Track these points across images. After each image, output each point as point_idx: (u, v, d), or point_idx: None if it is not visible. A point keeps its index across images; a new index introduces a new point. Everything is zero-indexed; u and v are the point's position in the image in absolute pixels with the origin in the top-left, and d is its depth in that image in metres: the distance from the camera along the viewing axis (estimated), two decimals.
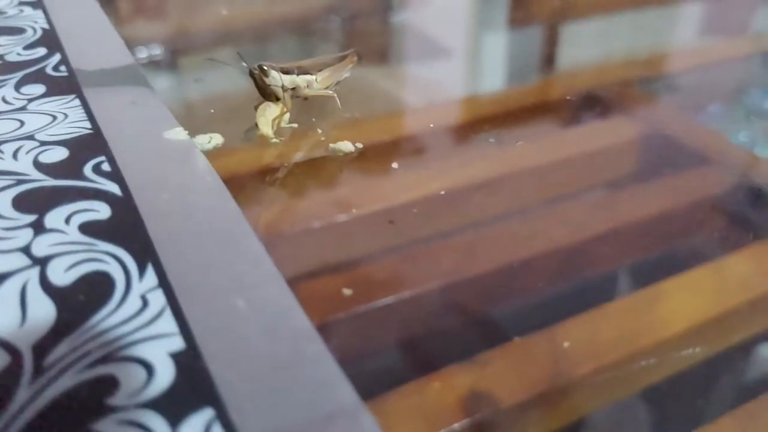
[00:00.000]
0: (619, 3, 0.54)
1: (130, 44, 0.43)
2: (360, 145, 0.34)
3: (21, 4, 0.51)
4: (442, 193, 0.30)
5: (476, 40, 0.49)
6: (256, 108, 0.34)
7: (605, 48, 0.47)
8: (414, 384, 0.21)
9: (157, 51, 0.48)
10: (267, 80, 0.34)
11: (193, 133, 0.33)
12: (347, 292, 0.25)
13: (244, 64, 0.34)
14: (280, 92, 0.34)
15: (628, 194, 0.31)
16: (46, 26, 0.47)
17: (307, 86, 0.36)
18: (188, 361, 0.21)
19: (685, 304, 0.24)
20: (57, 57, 0.41)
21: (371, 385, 0.21)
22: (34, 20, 0.48)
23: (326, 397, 0.20)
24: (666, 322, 0.23)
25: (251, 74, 0.34)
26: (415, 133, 0.38)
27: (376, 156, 0.34)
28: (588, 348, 0.22)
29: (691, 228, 0.29)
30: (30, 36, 0.45)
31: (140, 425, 0.19)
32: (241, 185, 0.32)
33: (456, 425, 0.19)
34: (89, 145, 0.32)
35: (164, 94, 0.39)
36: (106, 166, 0.30)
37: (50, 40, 0.44)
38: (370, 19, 0.52)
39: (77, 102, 0.36)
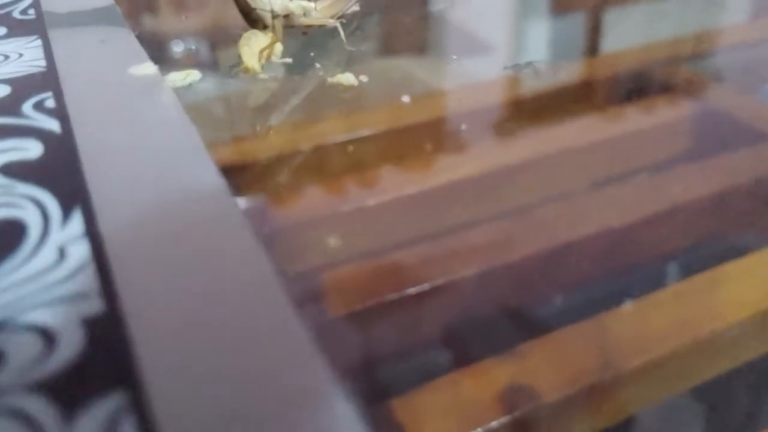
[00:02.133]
0: None
1: None
2: (365, 78, 0.28)
3: None
4: (481, 175, 0.25)
5: (517, 26, 0.44)
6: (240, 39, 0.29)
7: (654, 29, 0.41)
8: (449, 378, 0.18)
9: None
10: (252, 3, 0.28)
11: (168, 71, 0.28)
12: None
13: None
14: (268, 18, 0.28)
15: (683, 174, 0.27)
16: None
17: (304, 14, 0.30)
18: (104, 330, 0.15)
19: (745, 292, 0.21)
20: (27, 1, 0.37)
21: (403, 379, 0.18)
22: None
23: (290, 379, 0.14)
24: (724, 311, 0.20)
25: None
26: (452, 116, 0.31)
27: (403, 138, 0.28)
28: (638, 340, 0.19)
29: (751, 209, 0.25)
30: None
31: (21, 414, 0.13)
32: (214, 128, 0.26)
33: (494, 423, 0.17)
34: (37, 83, 0.26)
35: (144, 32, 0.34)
36: (50, 103, 0.24)
37: None
38: (405, 10, 0.45)
39: (38, 42, 0.31)
